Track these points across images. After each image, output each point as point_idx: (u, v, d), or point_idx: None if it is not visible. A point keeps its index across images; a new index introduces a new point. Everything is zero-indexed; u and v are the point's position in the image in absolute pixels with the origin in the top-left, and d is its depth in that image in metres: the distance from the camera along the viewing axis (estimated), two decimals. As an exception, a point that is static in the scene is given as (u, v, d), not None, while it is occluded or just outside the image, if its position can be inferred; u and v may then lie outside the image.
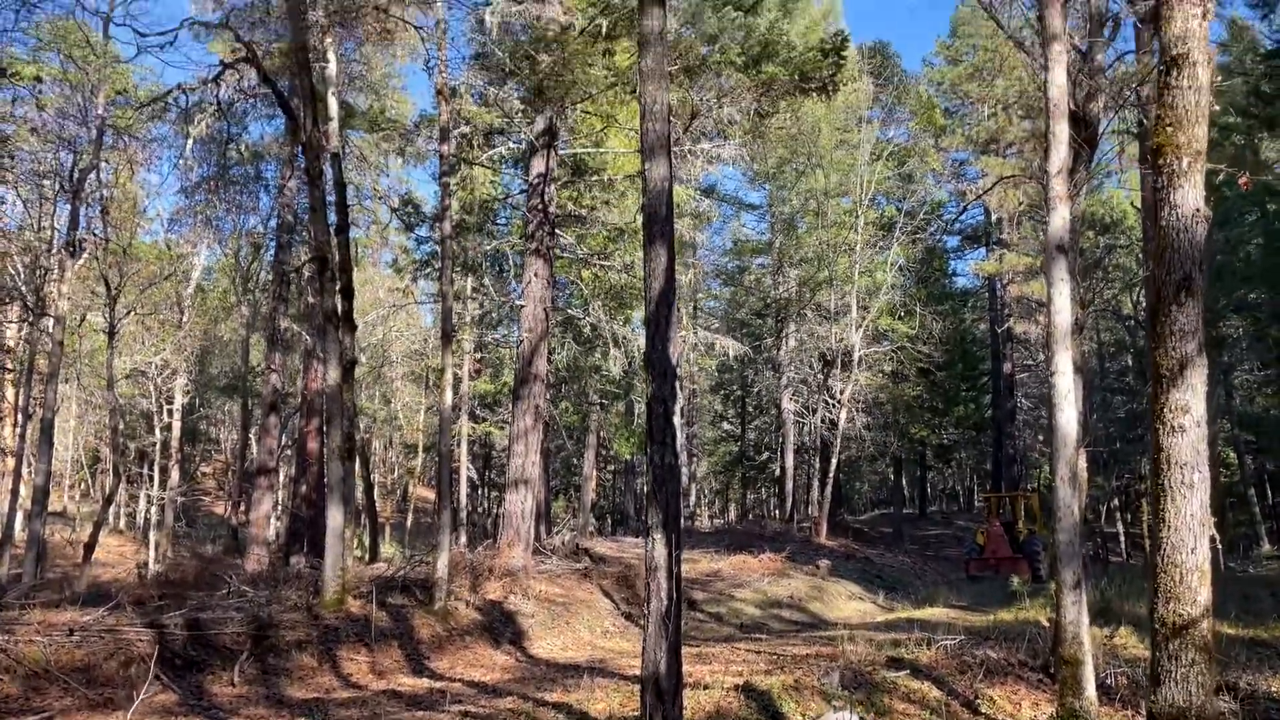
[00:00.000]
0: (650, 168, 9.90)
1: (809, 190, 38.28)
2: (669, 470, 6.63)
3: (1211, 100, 4.44)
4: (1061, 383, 11.02)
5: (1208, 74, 4.43)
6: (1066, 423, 10.38)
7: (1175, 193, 4.34)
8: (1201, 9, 4.52)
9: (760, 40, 19.97)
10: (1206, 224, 4.32)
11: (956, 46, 46.27)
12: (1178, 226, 4.31)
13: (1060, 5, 11.74)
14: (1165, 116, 4.49)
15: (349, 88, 25.25)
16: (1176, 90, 4.45)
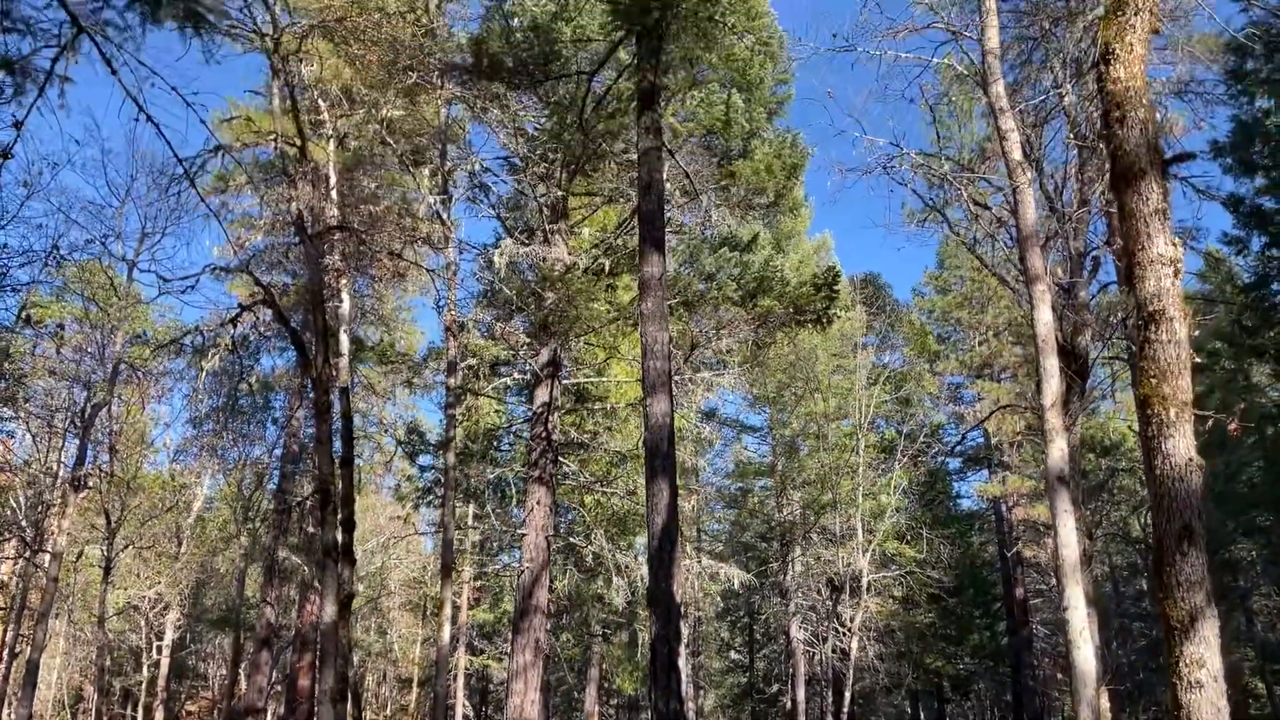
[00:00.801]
0: (652, 404, 10.14)
1: (809, 414, 38.76)
2: (674, 718, 6.37)
3: (1192, 353, 4.63)
4: (1075, 619, 10.72)
5: (1185, 328, 4.63)
6: (1084, 661, 10.02)
7: (1166, 442, 4.45)
8: (1172, 269, 4.79)
9: (755, 276, 20.85)
10: (1201, 472, 4.40)
11: (944, 277, 48.14)
12: (1172, 476, 4.39)
13: (1040, 247, 12.37)
14: (1148, 369, 4.66)
15: (360, 320, 26.17)
16: (1157, 344, 4.65)
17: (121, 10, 7.15)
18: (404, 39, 16.21)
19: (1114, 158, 5.08)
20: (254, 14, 15.46)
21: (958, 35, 13.66)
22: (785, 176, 20.85)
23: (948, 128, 21.91)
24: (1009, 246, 15.73)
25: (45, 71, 5.98)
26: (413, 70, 16.11)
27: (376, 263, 17.56)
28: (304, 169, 15.21)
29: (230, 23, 9.42)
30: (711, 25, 11.24)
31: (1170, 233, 4.93)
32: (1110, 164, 5.18)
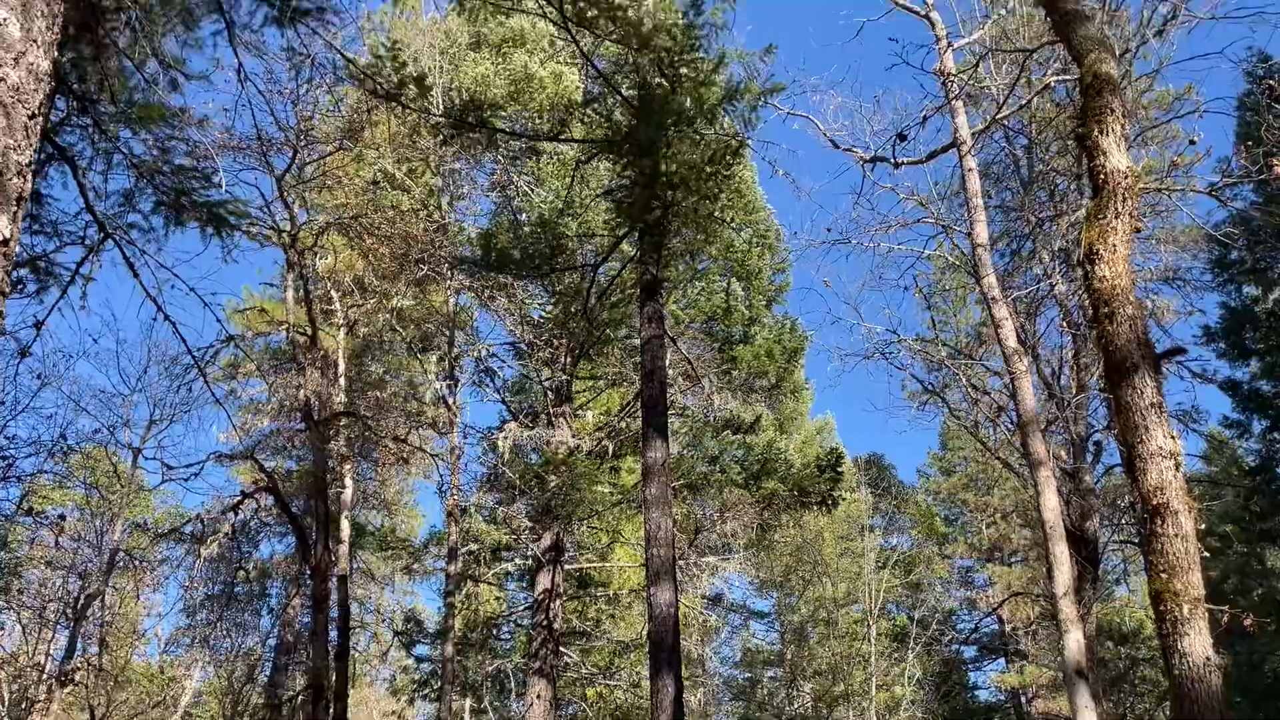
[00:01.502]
0: (656, 593, 9.93)
1: (818, 599, 37.85)
2: None
3: (1200, 547, 4.59)
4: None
5: (1191, 522, 4.61)
6: None
7: (1182, 641, 4.35)
8: (1173, 462, 4.81)
9: (759, 458, 20.85)
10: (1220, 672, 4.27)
11: (948, 458, 48.01)
12: (1191, 677, 4.26)
13: (1041, 432, 12.42)
14: (1158, 564, 4.61)
15: (362, 505, 25.99)
16: (1164, 539, 4.61)
17: (147, 214, 7.52)
18: (416, 233, 16.91)
19: (1106, 353, 5.20)
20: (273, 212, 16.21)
21: (948, 229, 14.23)
22: (785, 361, 21.20)
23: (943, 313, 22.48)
24: (1010, 430, 15.82)
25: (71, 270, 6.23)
26: (424, 263, 16.71)
27: (381, 448, 17.63)
28: (314, 357, 15.53)
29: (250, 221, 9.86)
30: (710, 221, 11.72)
31: (1168, 425, 4.98)
32: (1103, 359, 5.30)
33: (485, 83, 18.43)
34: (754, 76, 13.37)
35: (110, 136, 6.93)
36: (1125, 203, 5.34)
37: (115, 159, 7.17)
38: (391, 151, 18.55)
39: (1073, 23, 6.07)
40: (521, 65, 18.90)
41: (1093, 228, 5.36)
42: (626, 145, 11.34)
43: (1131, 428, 4.97)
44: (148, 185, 7.33)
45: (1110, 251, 5.24)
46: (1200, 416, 20.19)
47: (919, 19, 15.50)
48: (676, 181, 10.82)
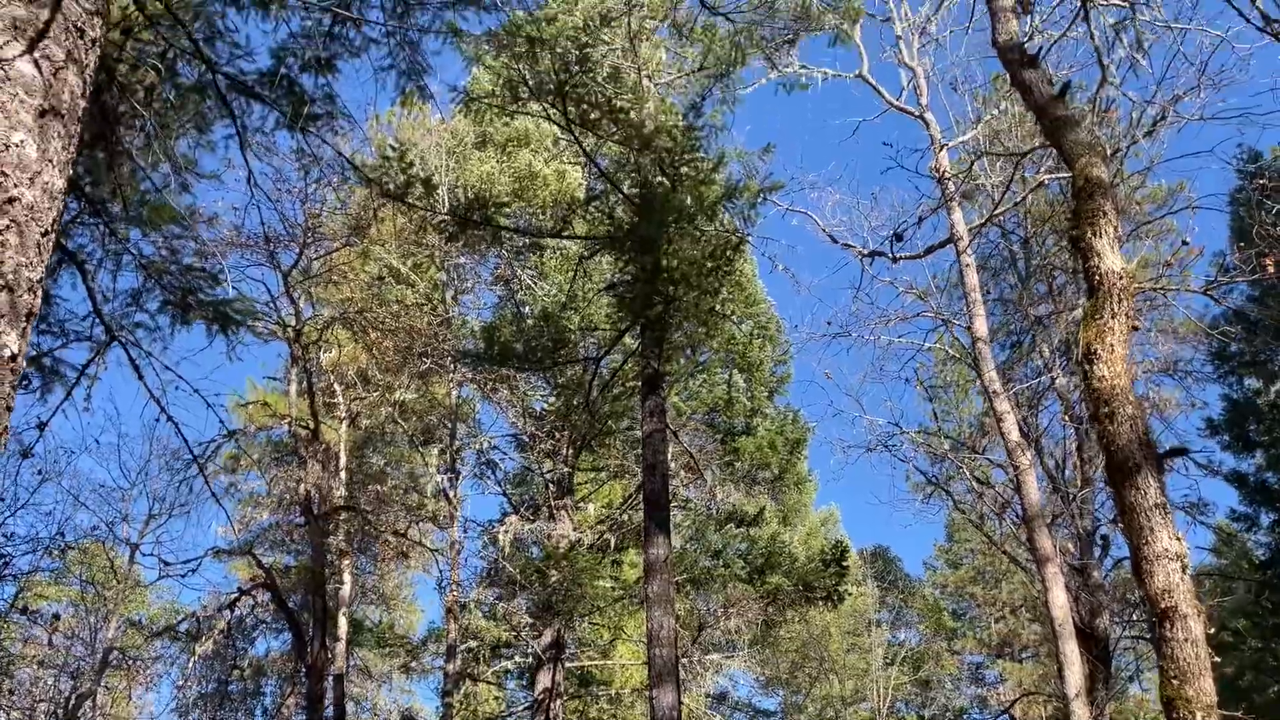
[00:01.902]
0: (658, 695, 9.71)
1: (825, 697, 36.94)
2: None
3: (1211, 651, 4.51)
4: None
5: (1201, 626, 4.54)
6: None
7: (1198, 752, 4.24)
8: (1180, 564, 4.76)
9: (762, 552, 20.59)
10: (1239, 784, 4.15)
11: (954, 550, 47.36)
12: (1208, 789, 4.14)
13: (1047, 527, 12.30)
14: (1168, 669, 4.52)
15: (360, 600, 25.59)
16: (1174, 643, 4.54)
17: (154, 313, 7.60)
18: (420, 327, 17.06)
19: (1108, 453, 5.19)
20: (279, 307, 16.40)
21: (948, 322, 14.36)
22: (788, 452, 21.12)
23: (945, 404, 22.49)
24: (1016, 524, 15.67)
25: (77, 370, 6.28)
26: (427, 356, 16.80)
27: (381, 543, 17.47)
28: (315, 450, 15.50)
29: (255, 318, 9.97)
30: (712, 315, 11.83)
31: (1173, 527, 4.94)
32: (1105, 459, 5.29)
33: (490, 180, 18.82)
34: (753, 175, 13.67)
35: (120, 238, 7.06)
36: (1121, 303, 5.40)
37: (124, 259, 7.29)
38: (397, 247, 18.84)
39: (1063, 128, 6.23)
40: (526, 163, 19.33)
41: (1090, 328, 5.41)
42: (628, 242, 11.52)
43: (1136, 529, 4.94)
44: (155, 285, 7.43)
45: (1108, 351, 5.28)
46: (1207, 509, 20.02)
47: (914, 119, 15.91)
48: (678, 277, 10.96)
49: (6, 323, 2.40)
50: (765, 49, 13.49)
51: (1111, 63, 10.10)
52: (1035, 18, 11.62)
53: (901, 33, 16.10)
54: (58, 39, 2.76)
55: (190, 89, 8.36)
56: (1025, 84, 6.62)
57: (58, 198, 2.71)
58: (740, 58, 12.99)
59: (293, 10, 8.30)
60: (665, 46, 14.34)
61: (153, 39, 7.52)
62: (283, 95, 8.85)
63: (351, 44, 8.78)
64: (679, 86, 14.35)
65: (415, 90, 9.06)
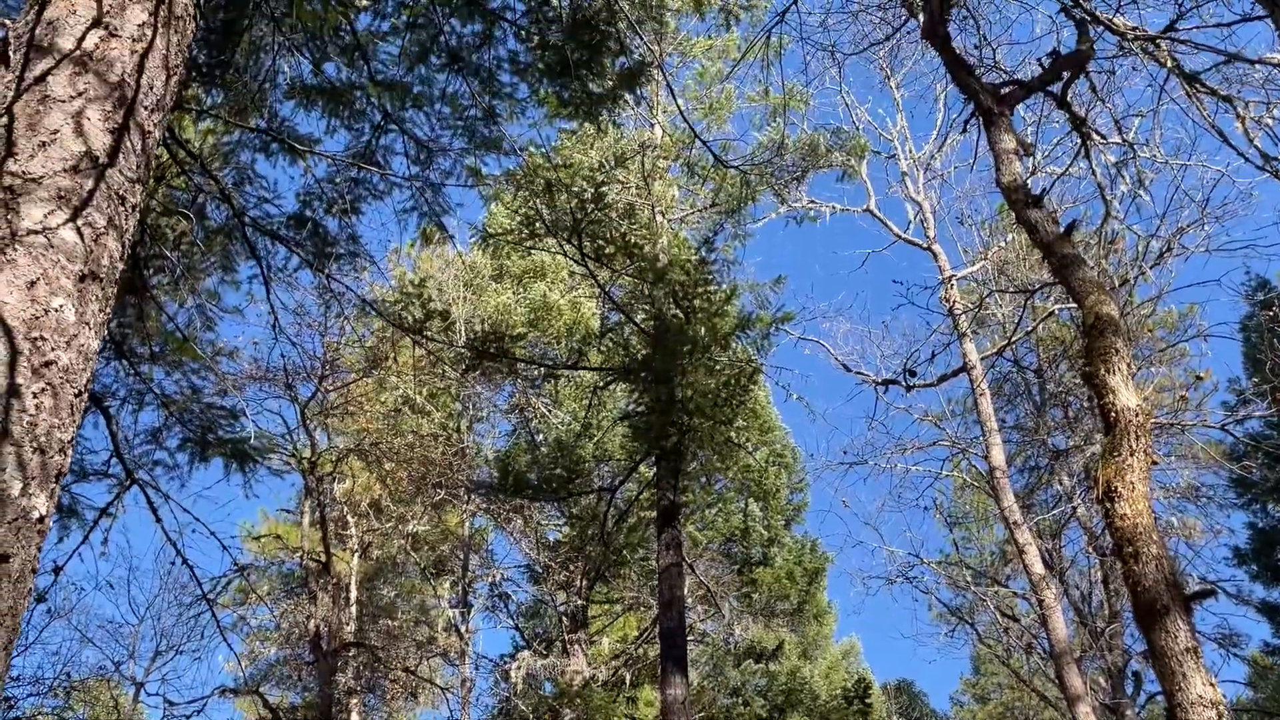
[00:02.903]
0: None
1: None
2: None
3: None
4: None
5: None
6: None
7: None
8: (1215, 711, 4.61)
9: (782, 689, 20.01)
10: None
11: (982, 684, 45.72)
12: None
13: (1076, 663, 11.93)
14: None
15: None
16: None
17: (173, 451, 7.66)
18: (435, 458, 17.06)
19: (1134, 594, 5.09)
20: (294, 439, 16.48)
21: (965, 450, 14.29)
22: (807, 583, 20.75)
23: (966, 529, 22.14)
24: (1044, 658, 15.20)
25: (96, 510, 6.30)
26: (441, 486, 16.75)
27: (390, 680, 17.04)
28: (326, 583, 15.31)
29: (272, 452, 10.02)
30: (727, 445, 11.83)
31: (1206, 672, 4.80)
32: (1132, 600, 5.19)
33: (506, 311, 19.13)
34: (765, 306, 13.91)
35: (143, 379, 7.17)
36: (1139, 439, 5.39)
37: (146, 398, 7.39)
38: (413, 378, 19.03)
39: (1070, 266, 6.34)
40: (541, 295, 19.67)
41: (1109, 466, 5.38)
42: (643, 373, 11.63)
43: (1168, 675, 4.80)
44: (176, 422, 7.51)
45: (1129, 489, 5.24)
46: (1239, 641, 19.38)
47: (922, 250, 16.22)
48: (692, 408, 11.01)
49: (37, 485, 2.43)
50: (775, 185, 13.91)
51: (1115, 198, 10.35)
52: (1037, 154, 11.98)
53: (907, 169, 16.58)
54: (100, 207, 2.88)
55: (217, 231, 8.64)
56: (1031, 223, 6.77)
57: (92, 359, 2.78)
58: (751, 195, 13.40)
59: (320, 157, 8.64)
60: (678, 184, 14.79)
61: (184, 185, 7.82)
62: (307, 238, 9.13)
63: (375, 188, 9.10)
64: (691, 221, 14.75)
65: (436, 228, 9.34)
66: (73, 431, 2.64)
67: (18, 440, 2.40)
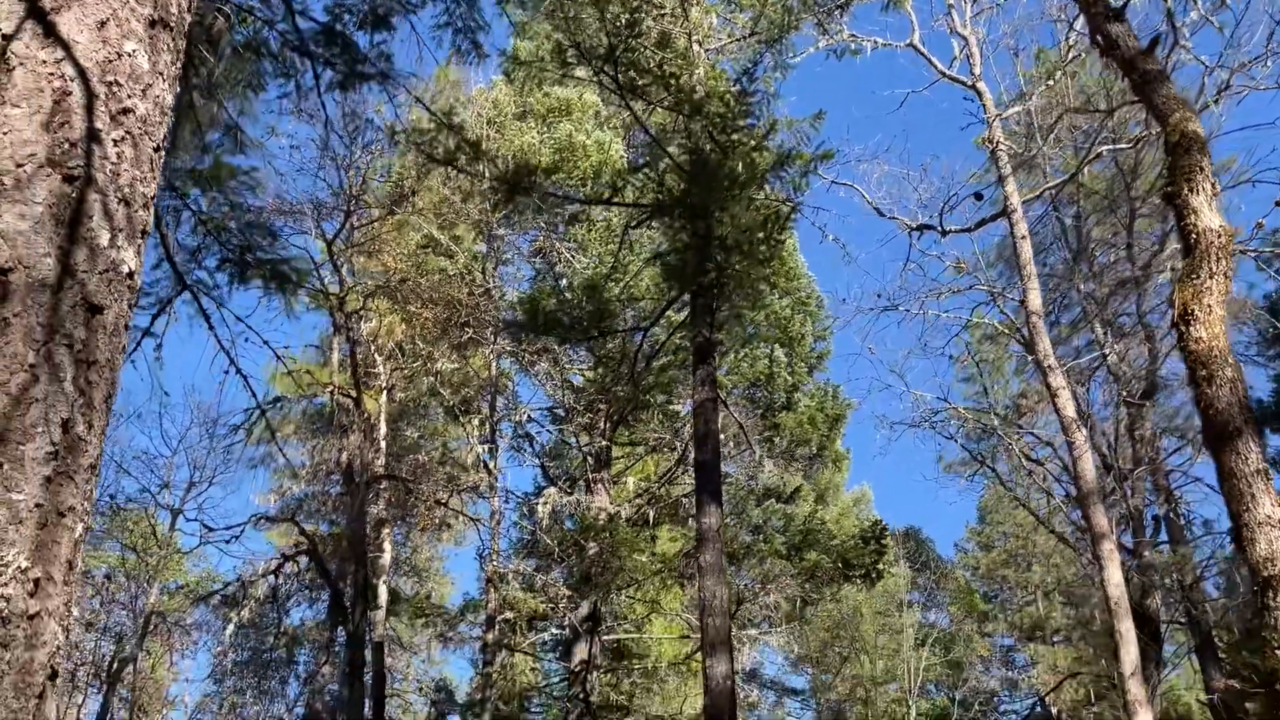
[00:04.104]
0: (711, 665, 9.62)
1: (855, 676, 36.81)
2: None
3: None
4: None
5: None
6: None
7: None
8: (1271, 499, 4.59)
9: (800, 529, 20.46)
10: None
11: (987, 533, 46.98)
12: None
13: (1103, 503, 12.06)
14: (1272, 640, 4.35)
15: (395, 571, 25.65)
16: (1276, 610, 4.37)
17: (212, 271, 7.54)
18: (461, 298, 16.97)
19: (1205, 417, 5.00)
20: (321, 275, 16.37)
21: (1000, 294, 14.07)
22: (827, 428, 20.92)
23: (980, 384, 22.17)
24: (1066, 502, 15.42)
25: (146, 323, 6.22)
26: (469, 326, 16.71)
27: (420, 512, 17.48)
28: (357, 418, 15.49)
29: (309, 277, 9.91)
30: (764, 283, 11.65)
31: (1274, 493, 4.75)
32: (1202, 423, 5.10)
33: (531, 151, 18.65)
34: (803, 143, 13.43)
35: (180, 193, 6.98)
36: (1220, 262, 5.18)
37: (184, 216, 7.22)
38: (437, 218, 18.74)
39: (1153, 82, 5.99)
40: (567, 134, 19.12)
41: (1186, 288, 5.20)
42: (679, 209, 11.34)
43: (1236, 495, 4.75)
44: (214, 242, 7.36)
45: (1206, 312, 5.08)
46: None
47: (965, 89, 15.57)
48: (730, 244, 10.77)
49: (125, 238, 2.29)
50: (817, 13, 13.23)
51: (1184, 24, 9.79)
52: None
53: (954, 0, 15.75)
54: (164, -52, 2.63)
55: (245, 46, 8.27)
56: (1111, 38, 6.36)
57: (167, 114, 2.59)
58: (793, 22, 12.73)
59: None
60: (716, 12, 14.09)
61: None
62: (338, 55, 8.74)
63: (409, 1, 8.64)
64: (730, 52, 14.11)
65: (471, 46, 8.92)
66: (154, 189, 2.48)
67: (102, 188, 2.24)
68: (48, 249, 2.08)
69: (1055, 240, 17.54)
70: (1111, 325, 16.54)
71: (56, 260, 2.10)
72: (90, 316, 2.13)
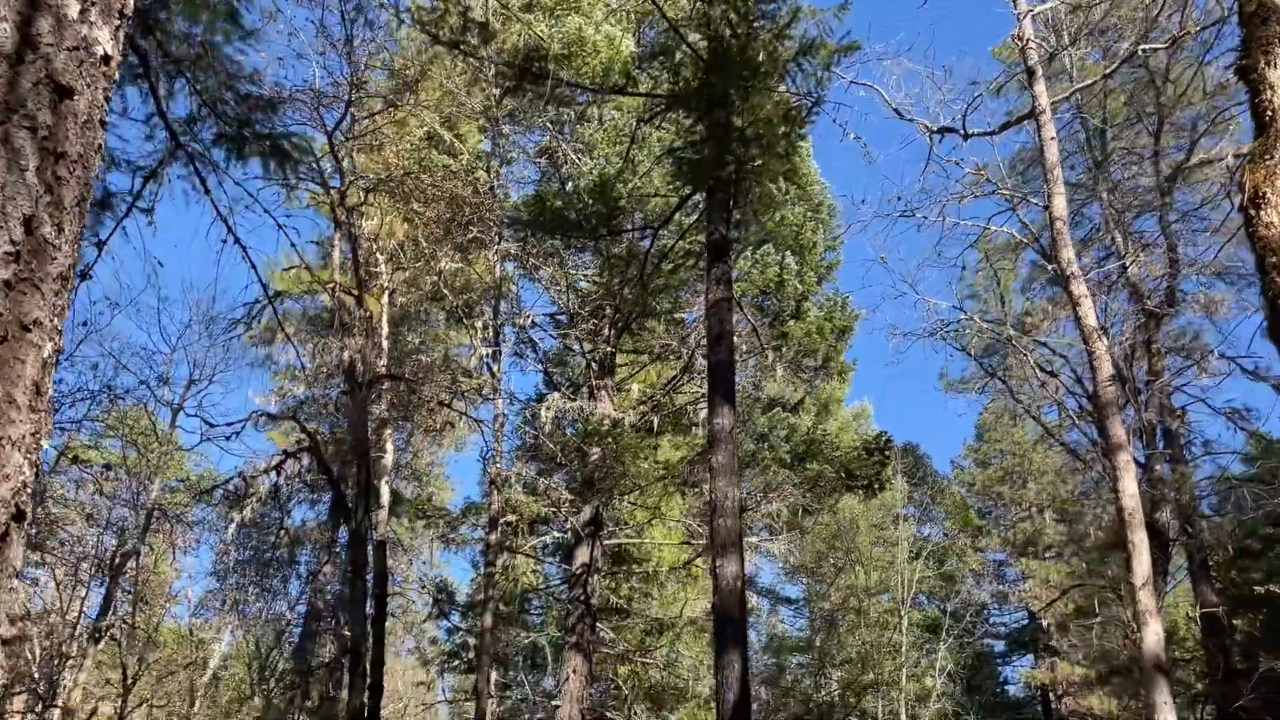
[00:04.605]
0: (722, 565, 9.50)
1: (849, 586, 37.30)
2: None
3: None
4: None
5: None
6: None
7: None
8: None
9: (804, 439, 20.37)
10: None
11: (984, 450, 47.24)
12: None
13: (1119, 414, 11.82)
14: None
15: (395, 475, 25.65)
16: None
17: (208, 144, 7.11)
18: (464, 195, 16.48)
19: (1273, 307, 4.68)
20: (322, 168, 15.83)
21: (1025, 198, 13.60)
22: (835, 339, 20.66)
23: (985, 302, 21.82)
24: (1076, 413, 15.22)
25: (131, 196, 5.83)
26: (473, 224, 16.27)
27: (422, 414, 17.29)
28: (359, 316, 15.17)
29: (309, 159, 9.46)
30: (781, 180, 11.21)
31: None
32: (1268, 315, 4.78)
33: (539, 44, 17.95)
34: (826, 34, 12.81)
35: (173, 59, 6.51)
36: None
37: (178, 84, 6.76)
38: (440, 113, 18.12)
39: (1228, -51, 5.50)
40: (576, 28, 18.38)
41: (1258, 170, 4.83)
42: (696, 99, 10.84)
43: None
44: (210, 114, 6.91)
45: (1279, 195, 4.72)
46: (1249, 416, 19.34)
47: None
48: (750, 136, 10.31)
49: (99, 13, 1.91)
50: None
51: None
52: None
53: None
54: None
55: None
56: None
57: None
58: (819, -96, 11.99)
59: None
60: (738, -110, 13.29)
61: None
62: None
63: None
64: (752, -67, 13.36)
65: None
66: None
67: (70, -52, 1.86)
68: (2, 10, 1.71)
69: (1078, 150, 17.00)
70: (1130, 236, 16.13)
71: (14, 27, 1.73)
72: (58, 100, 1.77)
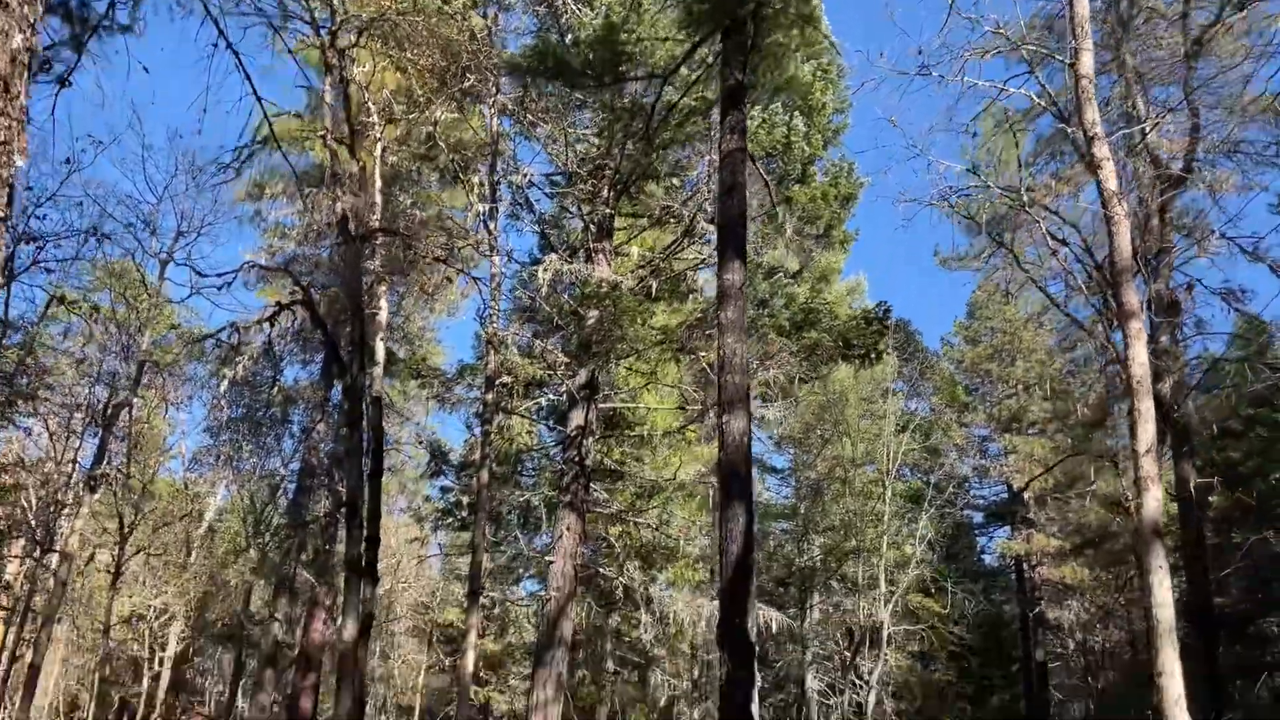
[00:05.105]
0: (729, 420, 9.39)
1: (835, 457, 37.86)
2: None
3: None
4: (1171, 687, 10.01)
5: None
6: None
7: None
8: None
9: (803, 307, 20.20)
10: None
11: (974, 328, 47.36)
12: None
13: (1132, 281, 11.61)
14: None
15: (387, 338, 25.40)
16: None
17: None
18: (461, 40, 15.70)
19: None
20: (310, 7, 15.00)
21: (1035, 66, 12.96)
22: (839, 206, 20.25)
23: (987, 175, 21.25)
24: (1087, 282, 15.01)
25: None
26: (471, 72, 15.56)
27: (418, 270, 16.94)
28: (352, 168, 14.65)
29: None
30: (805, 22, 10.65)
31: None
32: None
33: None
34: None
35: None
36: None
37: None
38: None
39: None
40: None
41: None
42: (714, -66, 10.16)
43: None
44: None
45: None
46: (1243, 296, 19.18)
47: None
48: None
49: None
50: None
51: None
52: None
53: None
54: None
55: None
56: None
57: None
58: None
59: None
60: None
61: None
62: None
63: None
64: None
65: None
66: None
67: None
68: None
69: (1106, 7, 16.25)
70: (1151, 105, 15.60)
71: None
72: None
